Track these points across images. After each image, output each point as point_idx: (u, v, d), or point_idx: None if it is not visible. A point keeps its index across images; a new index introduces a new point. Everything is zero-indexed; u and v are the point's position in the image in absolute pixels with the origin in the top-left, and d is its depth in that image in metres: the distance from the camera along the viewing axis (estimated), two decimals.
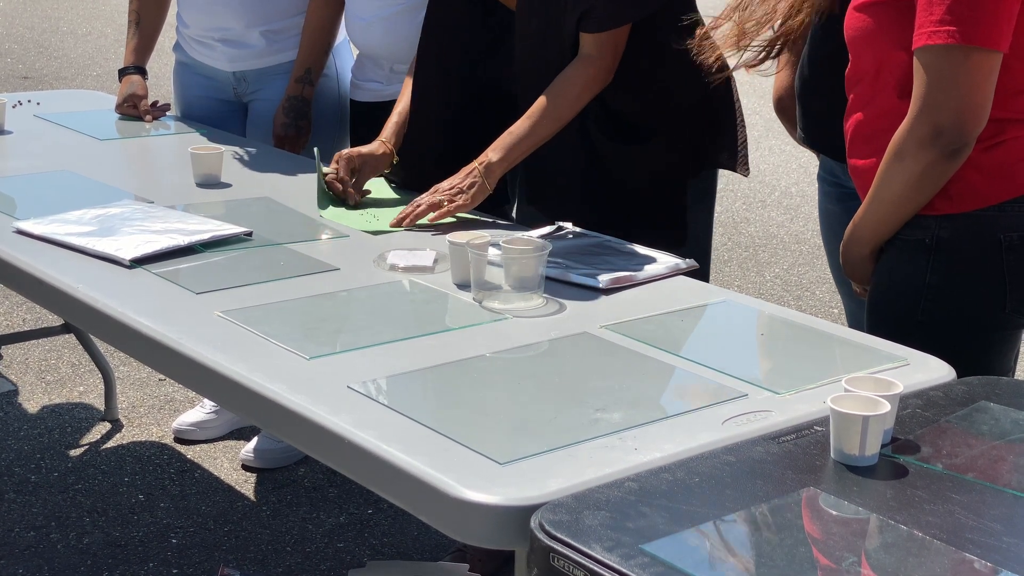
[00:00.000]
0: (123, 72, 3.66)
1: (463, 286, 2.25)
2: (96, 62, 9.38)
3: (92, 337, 3.77)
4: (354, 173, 2.81)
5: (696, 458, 1.62)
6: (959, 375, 1.93)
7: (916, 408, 1.78)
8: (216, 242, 2.46)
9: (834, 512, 1.51)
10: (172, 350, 2.00)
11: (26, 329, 4.33)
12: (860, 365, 1.94)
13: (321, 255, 2.42)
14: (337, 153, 2.83)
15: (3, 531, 3.20)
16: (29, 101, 3.80)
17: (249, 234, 2.51)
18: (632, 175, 2.69)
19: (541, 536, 1.43)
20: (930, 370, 1.94)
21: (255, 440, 3.57)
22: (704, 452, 1.64)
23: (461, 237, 2.27)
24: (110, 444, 3.69)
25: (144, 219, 2.55)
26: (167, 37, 3.73)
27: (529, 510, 1.49)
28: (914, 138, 2.01)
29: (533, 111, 2.62)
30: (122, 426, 3.80)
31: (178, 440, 3.69)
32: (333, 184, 2.78)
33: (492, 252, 2.23)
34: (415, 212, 2.60)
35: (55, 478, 3.48)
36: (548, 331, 2.07)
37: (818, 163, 2.68)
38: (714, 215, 2.86)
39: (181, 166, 3.03)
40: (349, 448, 1.69)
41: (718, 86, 2.56)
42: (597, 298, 2.23)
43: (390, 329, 2.06)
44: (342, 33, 3.47)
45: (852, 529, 1.48)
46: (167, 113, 3.62)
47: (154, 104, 3.60)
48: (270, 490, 3.44)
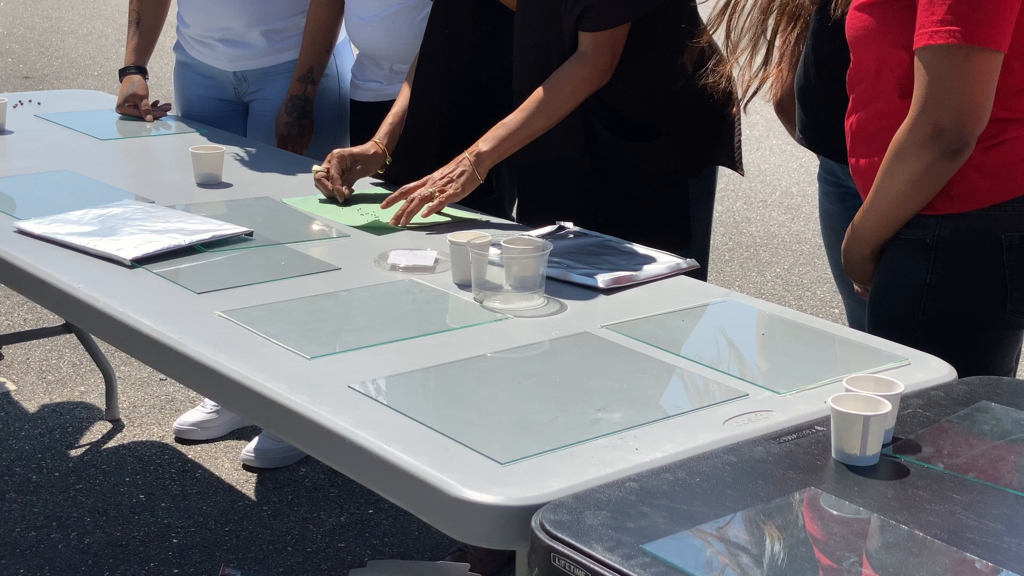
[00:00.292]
0: (124, 72, 3.66)
1: (464, 286, 2.25)
2: (97, 62, 9.38)
3: (93, 337, 3.77)
4: (345, 172, 2.82)
5: (697, 458, 1.62)
6: (960, 375, 1.93)
7: (917, 408, 1.78)
8: (217, 242, 2.46)
9: (835, 512, 1.51)
10: (173, 350, 2.00)
11: (27, 329, 4.33)
12: (861, 365, 1.94)
13: (322, 255, 2.42)
14: (330, 154, 2.84)
15: (4, 531, 3.20)
16: (30, 101, 3.80)
17: (250, 234, 2.51)
18: (635, 174, 2.69)
19: (542, 536, 1.43)
20: (931, 370, 1.93)
21: (256, 440, 3.57)
22: (705, 452, 1.64)
23: (462, 237, 2.27)
24: (111, 444, 3.69)
25: (145, 219, 2.55)
26: (168, 37, 3.73)
27: (530, 510, 1.49)
28: (915, 138, 2.01)
29: (527, 104, 2.63)
30: (123, 426, 3.80)
31: (179, 440, 3.69)
32: (322, 181, 2.78)
33: (493, 252, 2.23)
34: (409, 209, 2.61)
35: (56, 478, 3.48)
36: (549, 331, 2.07)
37: (818, 163, 2.68)
38: (714, 215, 2.86)
39: (182, 166, 3.03)
40: (350, 448, 1.69)
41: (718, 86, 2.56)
42: (598, 298, 2.23)
43: (391, 329, 2.06)
44: (343, 33, 3.47)
45: (853, 529, 1.48)
46: (168, 113, 3.62)
47: (155, 104, 3.60)
48: (271, 490, 3.44)
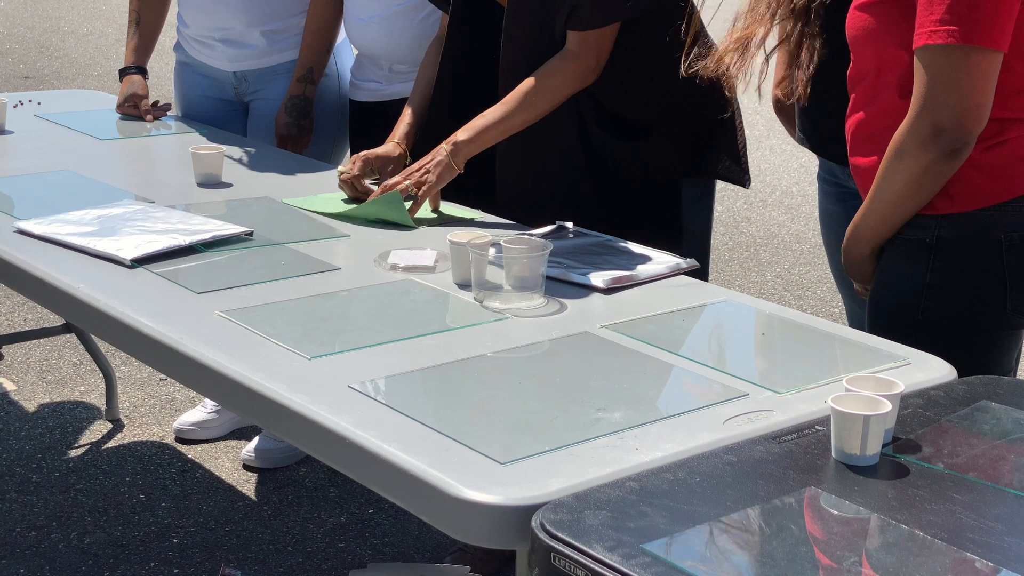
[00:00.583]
0: (124, 72, 3.66)
1: (464, 286, 2.25)
2: (97, 62, 9.38)
3: (93, 337, 3.77)
4: (370, 175, 2.82)
5: (697, 458, 1.62)
6: (960, 374, 1.93)
7: (917, 407, 1.78)
8: (217, 242, 2.46)
9: (835, 512, 1.51)
10: (173, 350, 2.00)
11: (27, 329, 4.33)
12: (861, 365, 1.94)
13: (322, 255, 2.42)
14: (354, 155, 2.83)
15: (4, 531, 3.20)
16: (30, 101, 3.80)
17: (250, 234, 2.51)
18: (626, 172, 2.69)
19: (542, 536, 1.43)
20: (931, 369, 1.93)
21: (256, 440, 3.57)
22: (705, 452, 1.64)
23: (462, 237, 2.27)
24: (111, 444, 3.69)
25: (145, 219, 2.55)
26: (168, 37, 3.73)
27: (530, 510, 1.49)
28: (914, 138, 2.01)
29: (509, 99, 2.63)
30: (123, 426, 3.80)
31: (179, 440, 3.69)
32: (348, 183, 2.78)
33: (492, 252, 2.23)
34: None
35: (56, 478, 3.48)
36: (549, 331, 2.07)
37: (818, 163, 2.68)
38: (714, 215, 2.86)
39: (182, 166, 3.03)
40: (350, 448, 1.69)
41: (714, 88, 2.56)
42: (598, 298, 2.23)
43: (391, 329, 2.06)
44: (342, 33, 3.47)
45: (853, 529, 1.48)
46: (168, 113, 3.62)
47: (155, 104, 3.60)
48: (271, 490, 3.44)
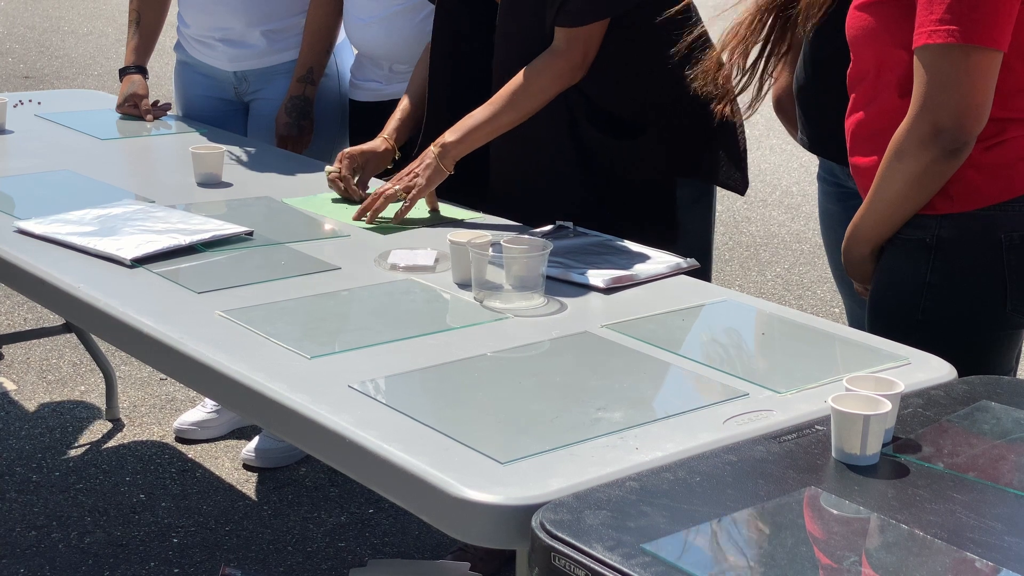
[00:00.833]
0: (124, 72, 3.66)
1: (464, 286, 2.25)
2: (97, 62, 9.38)
3: (93, 337, 3.77)
4: (357, 171, 2.82)
5: (697, 457, 1.62)
6: (960, 374, 1.93)
7: (917, 407, 1.78)
8: (217, 242, 2.46)
9: (835, 511, 1.51)
10: (173, 349, 2.00)
11: (27, 329, 4.33)
12: (861, 364, 1.94)
13: (322, 255, 2.42)
14: (340, 152, 2.84)
15: (4, 531, 3.20)
16: (30, 101, 3.80)
17: (250, 234, 2.51)
18: (619, 170, 2.68)
19: (542, 535, 1.43)
20: (931, 369, 1.93)
21: (256, 439, 3.57)
22: (705, 451, 1.64)
23: (462, 237, 2.27)
24: (111, 443, 3.69)
25: (145, 219, 2.55)
26: (168, 37, 3.74)
27: (530, 509, 1.49)
28: (914, 137, 2.01)
29: (496, 98, 2.63)
30: (123, 425, 3.80)
31: (179, 439, 3.69)
32: (336, 182, 2.78)
33: (493, 251, 2.23)
34: (375, 207, 2.62)
35: (56, 478, 3.48)
36: (549, 330, 2.07)
37: (818, 163, 2.68)
38: (715, 214, 2.85)
39: (182, 166, 3.03)
40: (350, 447, 1.69)
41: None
42: (598, 298, 2.23)
43: (391, 328, 2.06)
44: (342, 33, 3.47)
45: (853, 528, 1.48)
46: (168, 112, 3.62)
47: (155, 104, 3.60)
48: (271, 489, 3.44)
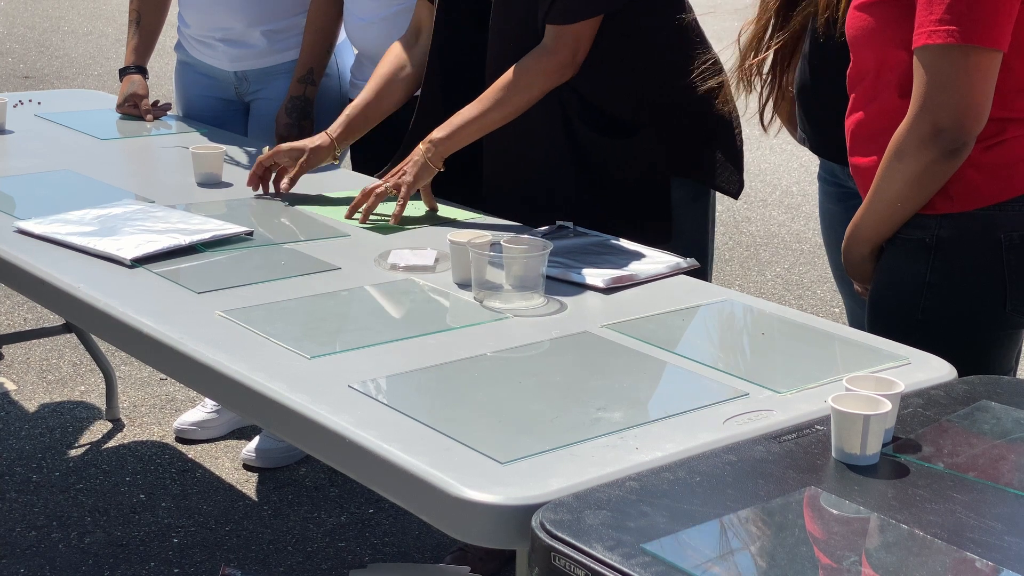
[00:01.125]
0: (124, 72, 3.66)
1: (464, 286, 2.25)
2: (97, 61, 9.38)
3: (93, 337, 3.77)
4: (290, 165, 2.84)
5: (697, 457, 1.62)
6: (960, 374, 1.93)
7: (917, 407, 1.78)
8: (217, 242, 2.46)
9: (835, 511, 1.51)
10: (173, 349, 2.00)
11: (27, 329, 4.33)
12: (861, 364, 1.94)
13: (322, 255, 2.42)
14: (277, 146, 2.86)
15: (5, 531, 3.21)
16: (30, 100, 3.80)
17: (250, 234, 2.51)
18: (612, 169, 2.68)
19: (542, 535, 1.43)
20: (931, 369, 1.93)
21: (256, 439, 3.57)
22: (705, 451, 1.64)
23: (462, 237, 2.27)
24: (111, 444, 3.69)
25: (145, 219, 2.55)
26: (168, 37, 3.74)
27: (530, 509, 1.49)
28: (914, 137, 2.01)
29: (485, 96, 2.63)
30: (123, 425, 3.80)
31: (179, 439, 3.69)
32: (252, 176, 2.81)
33: (492, 251, 2.23)
34: (367, 205, 2.63)
35: (56, 478, 3.48)
36: (549, 330, 2.07)
37: (819, 163, 2.68)
38: (714, 214, 2.85)
39: (182, 166, 3.03)
40: (350, 447, 1.69)
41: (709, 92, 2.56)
42: (598, 298, 2.23)
43: (391, 328, 2.06)
44: (343, 33, 3.47)
45: (853, 528, 1.48)
46: (168, 112, 3.62)
47: (155, 104, 3.60)
48: (271, 490, 3.44)
